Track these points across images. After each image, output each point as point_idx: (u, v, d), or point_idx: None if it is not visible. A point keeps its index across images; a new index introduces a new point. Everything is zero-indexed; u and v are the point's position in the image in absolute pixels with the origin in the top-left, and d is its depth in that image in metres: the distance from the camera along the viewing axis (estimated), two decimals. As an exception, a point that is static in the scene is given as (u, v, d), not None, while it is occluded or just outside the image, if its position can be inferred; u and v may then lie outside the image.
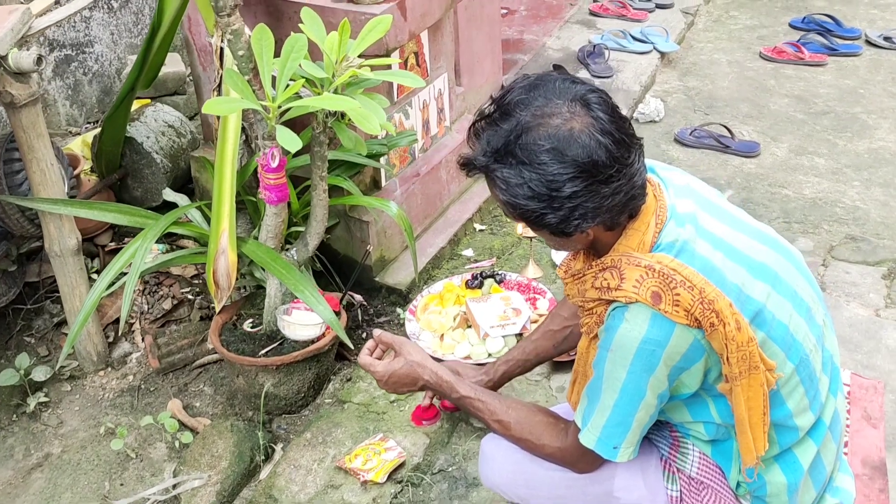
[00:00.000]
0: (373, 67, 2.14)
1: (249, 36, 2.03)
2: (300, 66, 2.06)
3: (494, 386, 1.94)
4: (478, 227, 3.13)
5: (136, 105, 3.21)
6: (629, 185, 1.41)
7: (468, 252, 3.01)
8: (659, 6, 4.80)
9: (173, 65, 3.41)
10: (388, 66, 2.67)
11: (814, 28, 4.56)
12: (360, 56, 2.15)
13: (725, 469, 1.57)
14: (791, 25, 4.69)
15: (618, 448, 1.50)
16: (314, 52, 2.15)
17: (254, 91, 2.08)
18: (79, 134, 3.33)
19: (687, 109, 3.96)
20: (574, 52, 4.31)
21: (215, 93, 2.40)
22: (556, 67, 4.03)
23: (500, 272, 2.77)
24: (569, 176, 1.35)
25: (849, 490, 1.62)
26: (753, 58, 4.40)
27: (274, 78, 2.05)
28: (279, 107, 2.05)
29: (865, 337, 2.58)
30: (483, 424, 1.68)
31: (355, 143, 2.25)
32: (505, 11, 4.73)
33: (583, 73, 4.09)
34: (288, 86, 2.03)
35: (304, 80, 2.08)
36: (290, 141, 1.96)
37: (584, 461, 1.58)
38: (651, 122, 3.85)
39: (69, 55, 3.33)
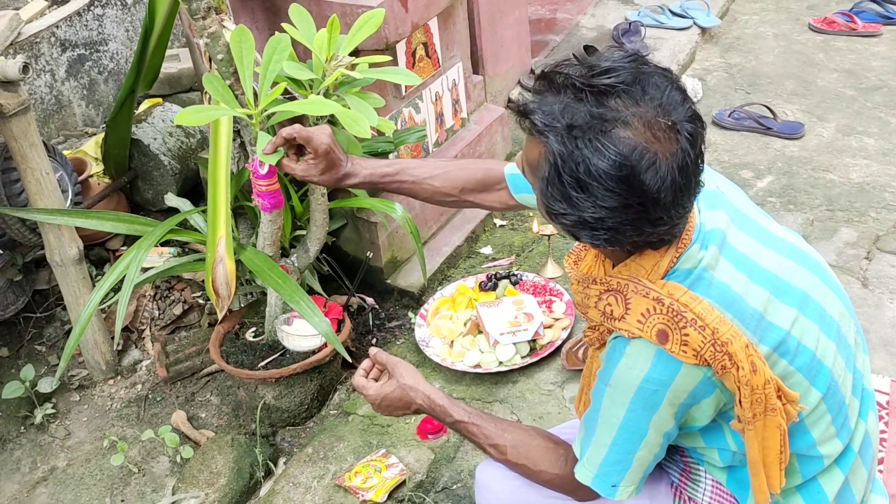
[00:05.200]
0: (371, 64, 2.02)
1: (228, 39, 1.93)
2: (284, 67, 1.95)
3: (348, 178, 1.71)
4: (498, 222, 3.00)
5: (146, 104, 3.15)
6: (670, 231, 1.27)
7: (486, 250, 2.89)
8: (701, -23, 4.55)
9: (187, 61, 3.34)
10: (395, 61, 2.56)
11: (869, -5, 4.27)
12: (356, 51, 2.04)
13: (741, 499, 1.44)
14: (844, -7, 4.40)
15: (616, 486, 1.39)
16: (308, 50, 2.04)
17: (236, 96, 1.99)
18: (95, 134, 3.29)
19: (727, 88, 3.75)
20: (609, 30, 4.12)
21: (206, 95, 2.31)
22: (588, 49, 3.84)
23: (516, 273, 2.64)
24: (622, 203, 1.19)
25: (883, 512, 1.48)
26: (802, 30, 4.14)
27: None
28: (262, 112, 1.95)
29: (911, 338, 2.39)
30: (479, 450, 1.58)
31: (348, 144, 2.14)
32: (538, -11, 4.55)
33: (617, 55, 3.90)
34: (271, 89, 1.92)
35: (288, 82, 1.97)
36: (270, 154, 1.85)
37: (584, 489, 1.46)
38: (688, 103, 3.65)
39: (83, 54, 3.28)
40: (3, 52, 2.22)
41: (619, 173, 1.17)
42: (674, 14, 4.16)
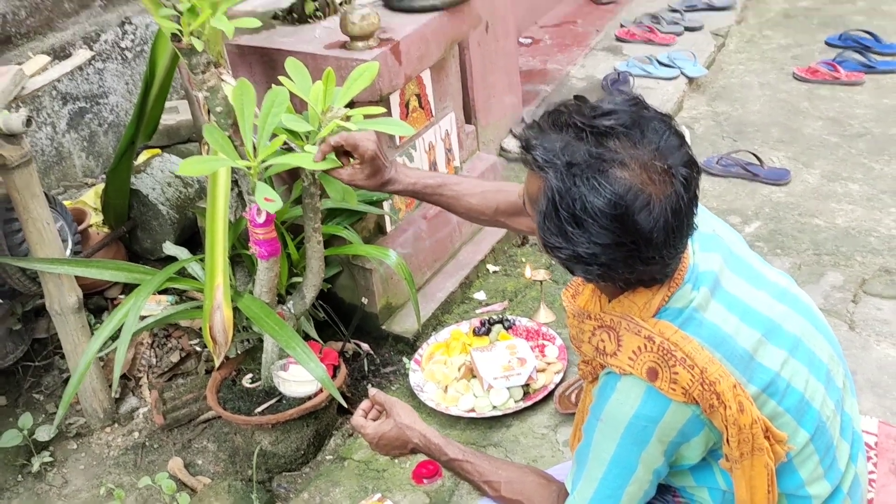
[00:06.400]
0: (365, 115, 2.08)
1: (227, 92, 1.99)
2: (282, 120, 2.01)
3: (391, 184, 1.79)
4: (491, 268, 3.04)
5: (145, 155, 3.21)
6: (662, 271, 1.31)
7: (480, 295, 2.93)
8: (688, 29, 4.67)
9: (186, 113, 3.41)
10: (388, 112, 2.63)
11: (851, 45, 4.38)
12: (351, 103, 2.10)
13: (732, 537, 1.46)
14: (827, 43, 4.51)
15: None
16: (304, 102, 2.10)
17: (235, 147, 2.04)
18: (94, 184, 3.35)
19: (715, 136, 3.83)
20: (598, 80, 4.21)
21: (205, 146, 2.37)
22: (578, 98, 3.92)
23: (509, 318, 2.68)
24: (615, 240, 1.24)
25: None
26: (787, 79, 4.24)
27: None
28: (261, 163, 2.01)
29: (897, 380, 2.42)
30: (474, 488, 1.61)
31: (343, 194, 2.18)
32: (529, 41, 4.66)
33: (606, 103, 3.98)
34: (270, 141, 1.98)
35: (285, 133, 2.03)
36: (269, 202, 1.90)
37: (577, 525, 1.49)
38: (677, 151, 3.72)
39: (83, 107, 3.35)
40: (6, 106, 2.27)
41: (614, 212, 1.21)
42: (661, 64, 4.26)
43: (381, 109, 2.15)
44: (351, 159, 1.80)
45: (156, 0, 1.95)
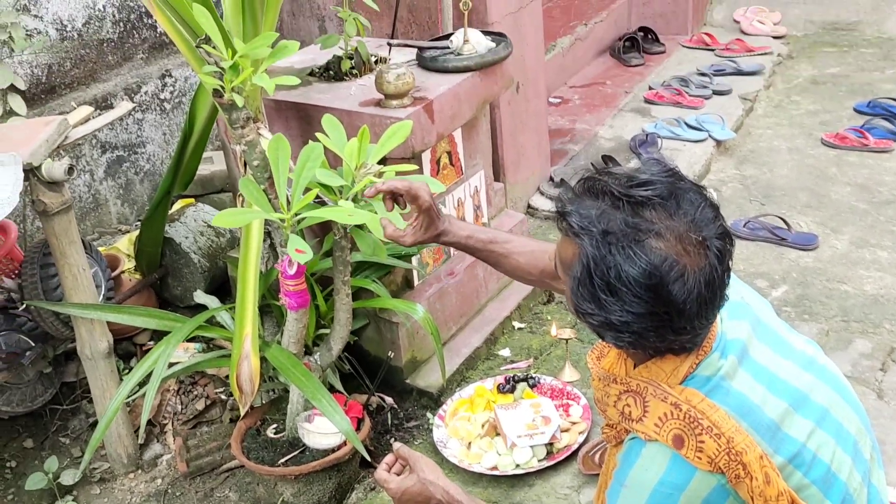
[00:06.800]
0: (398, 172, 2.12)
1: (264, 146, 2.04)
2: (316, 174, 2.05)
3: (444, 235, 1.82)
4: (516, 325, 3.05)
5: (179, 204, 3.28)
6: (692, 341, 1.32)
7: (505, 352, 2.93)
8: (716, 93, 4.71)
9: (220, 163, 3.48)
10: (420, 169, 2.67)
11: (879, 112, 4.40)
12: (383, 159, 2.14)
13: None
14: (856, 110, 4.54)
15: None
16: (338, 158, 2.14)
17: (270, 200, 2.09)
18: (128, 231, 3.41)
19: (742, 199, 3.84)
20: (626, 140, 4.25)
21: (240, 198, 2.42)
22: (606, 158, 3.97)
23: (533, 376, 2.68)
24: (648, 310, 1.25)
25: None
26: (815, 144, 4.26)
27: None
28: (294, 216, 2.05)
29: (928, 451, 2.39)
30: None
31: (374, 248, 2.22)
32: (558, 101, 4.73)
33: (635, 163, 4.02)
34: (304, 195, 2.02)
35: (319, 187, 2.07)
36: (301, 254, 1.93)
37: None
38: (704, 213, 3.74)
39: (121, 156, 3.43)
40: (50, 154, 2.34)
41: (649, 282, 1.23)
42: (689, 127, 4.29)
43: (414, 167, 2.19)
44: (396, 207, 1.79)
45: (199, 57, 2.02)
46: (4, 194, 2.13)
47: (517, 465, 2.38)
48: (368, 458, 2.19)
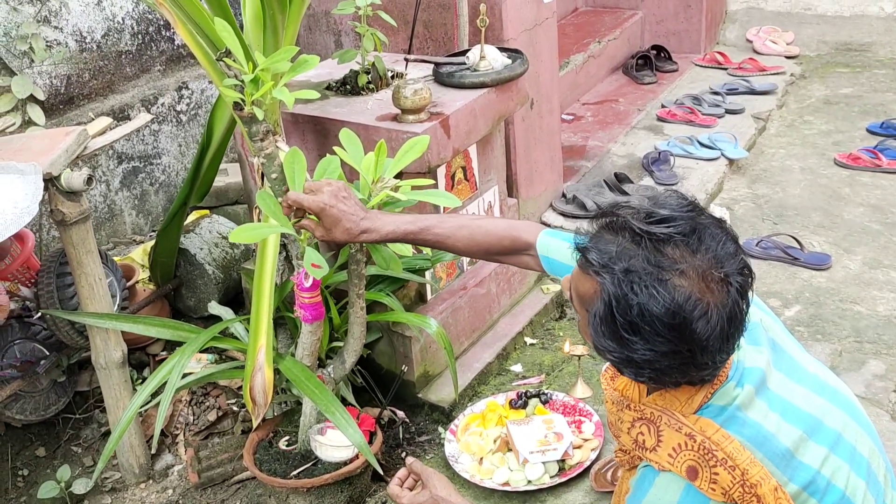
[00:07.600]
0: (414, 186, 2.14)
1: (282, 159, 2.05)
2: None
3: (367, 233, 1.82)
4: (528, 340, 3.05)
5: (194, 215, 3.29)
6: (712, 374, 1.32)
7: (517, 367, 2.93)
8: (729, 111, 4.72)
9: (235, 175, 3.50)
10: (435, 184, 2.69)
11: (892, 133, 4.40)
12: (399, 174, 2.15)
13: None
14: (869, 131, 4.53)
15: None
16: (355, 171, 2.16)
17: (286, 213, 2.10)
18: (143, 242, 3.43)
19: (755, 218, 3.84)
20: (639, 158, 4.26)
21: (257, 210, 2.43)
22: (619, 176, 3.97)
23: (546, 392, 2.67)
24: (671, 348, 1.24)
25: None
26: (828, 164, 4.26)
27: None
28: (310, 229, 2.06)
29: (942, 473, 2.37)
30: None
31: (389, 261, 2.23)
32: (571, 118, 4.74)
33: (647, 181, 4.03)
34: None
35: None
36: (317, 267, 1.94)
37: None
38: (716, 231, 3.73)
39: (137, 167, 3.45)
40: (69, 164, 2.36)
41: (672, 321, 1.22)
42: (702, 145, 4.30)
43: (430, 181, 2.22)
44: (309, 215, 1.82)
45: (220, 70, 2.04)
46: (24, 203, 2.15)
47: (529, 482, 2.37)
48: (381, 472, 2.19)
